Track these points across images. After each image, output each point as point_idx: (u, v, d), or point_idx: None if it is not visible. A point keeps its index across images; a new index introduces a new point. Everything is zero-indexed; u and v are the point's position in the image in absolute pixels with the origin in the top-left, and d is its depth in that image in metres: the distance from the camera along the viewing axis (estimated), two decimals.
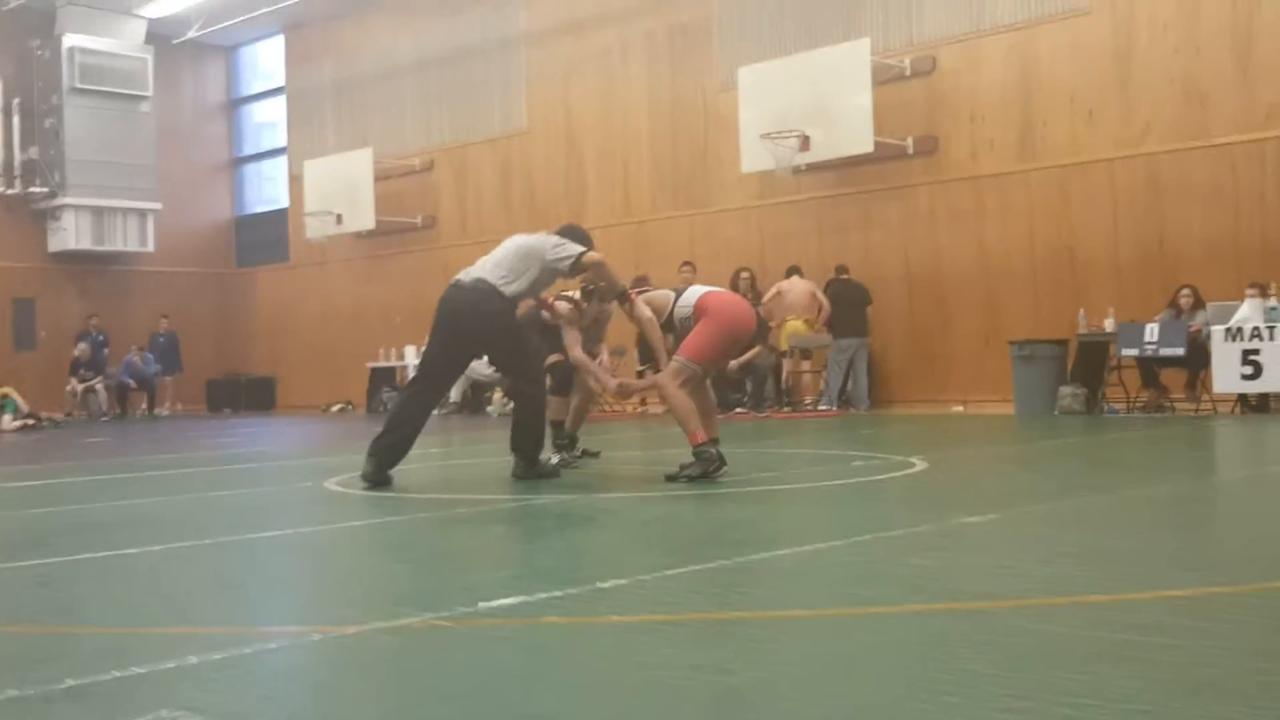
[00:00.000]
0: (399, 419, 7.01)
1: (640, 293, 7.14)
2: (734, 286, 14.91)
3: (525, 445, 7.13)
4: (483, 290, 6.90)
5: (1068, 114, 14.29)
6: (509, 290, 6.92)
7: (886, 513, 5.43)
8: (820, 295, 15.16)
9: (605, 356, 8.35)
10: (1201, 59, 13.35)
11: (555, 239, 7.20)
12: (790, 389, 15.42)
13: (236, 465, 9.75)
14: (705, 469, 6.55)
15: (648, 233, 18.00)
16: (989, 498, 5.96)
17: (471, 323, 6.92)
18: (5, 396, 18.23)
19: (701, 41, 17.60)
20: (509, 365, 7.26)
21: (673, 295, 7.05)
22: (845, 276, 15.37)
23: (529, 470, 7.10)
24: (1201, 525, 5.02)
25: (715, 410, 7.18)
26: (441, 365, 7.15)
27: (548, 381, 7.82)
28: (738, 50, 16.96)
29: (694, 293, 6.97)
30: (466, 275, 7.09)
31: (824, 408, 14.81)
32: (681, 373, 6.70)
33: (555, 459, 7.76)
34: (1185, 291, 12.48)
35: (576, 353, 7.61)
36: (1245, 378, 11.62)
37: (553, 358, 8.06)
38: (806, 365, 15.59)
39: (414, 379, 7.32)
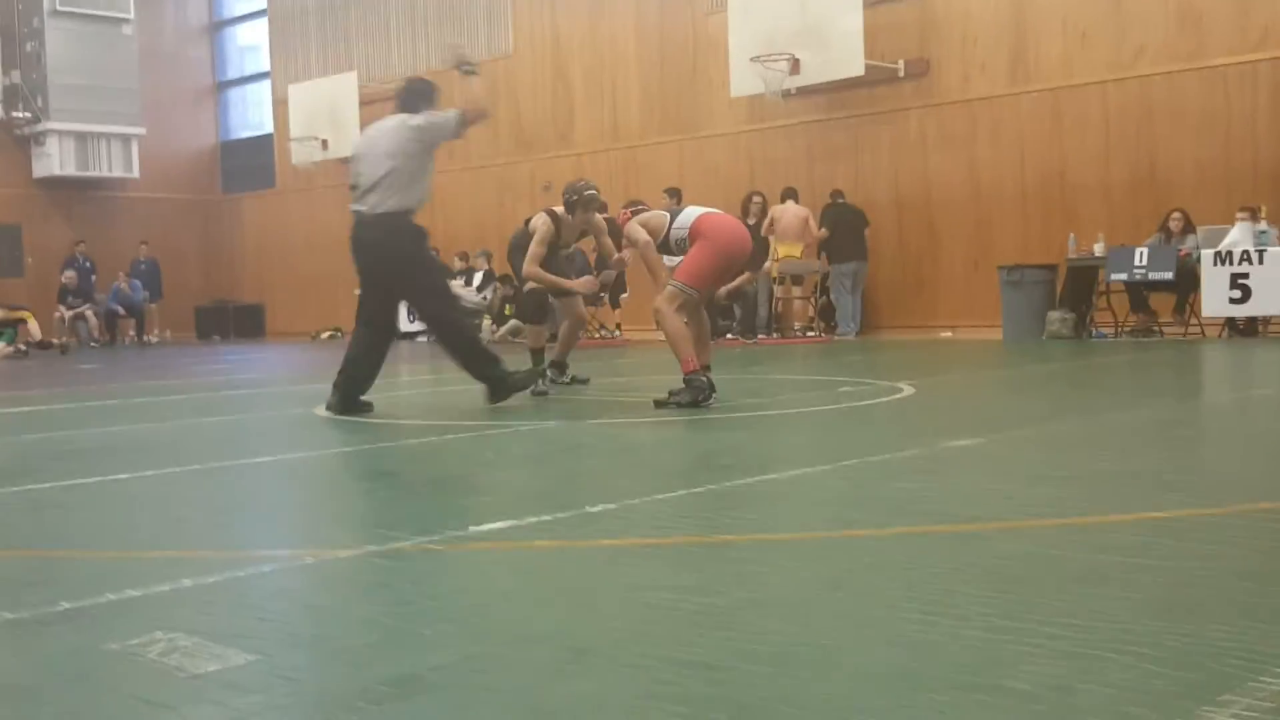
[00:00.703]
0: (350, 358, 7.02)
1: (635, 213, 7.09)
2: (744, 212, 14.87)
3: (478, 368, 6.97)
4: (383, 223, 6.68)
5: (1060, 36, 14.18)
6: (400, 204, 6.71)
7: (874, 437, 5.46)
8: (812, 221, 15.12)
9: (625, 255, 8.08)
10: None
11: (415, 118, 6.99)
12: (780, 315, 15.43)
13: (226, 392, 9.76)
14: (695, 397, 6.53)
15: (636, 158, 17.91)
16: (975, 422, 5.99)
17: (377, 269, 6.82)
18: (21, 320, 18.12)
19: None
20: (415, 306, 7.17)
21: (668, 217, 6.97)
22: (842, 200, 15.31)
23: (500, 389, 6.97)
24: (1186, 448, 5.06)
25: (709, 336, 7.17)
26: (370, 307, 7.04)
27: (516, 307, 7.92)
28: None
29: (690, 214, 6.88)
30: (363, 201, 6.85)
31: (842, 332, 14.85)
32: (677, 297, 6.64)
33: (544, 385, 7.77)
34: (1175, 215, 12.48)
35: (531, 269, 7.64)
36: (1234, 301, 11.66)
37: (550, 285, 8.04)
38: (797, 291, 15.60)
39: (357, 317, 7.20)
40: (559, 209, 7.86)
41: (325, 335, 21.68)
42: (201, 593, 2.75)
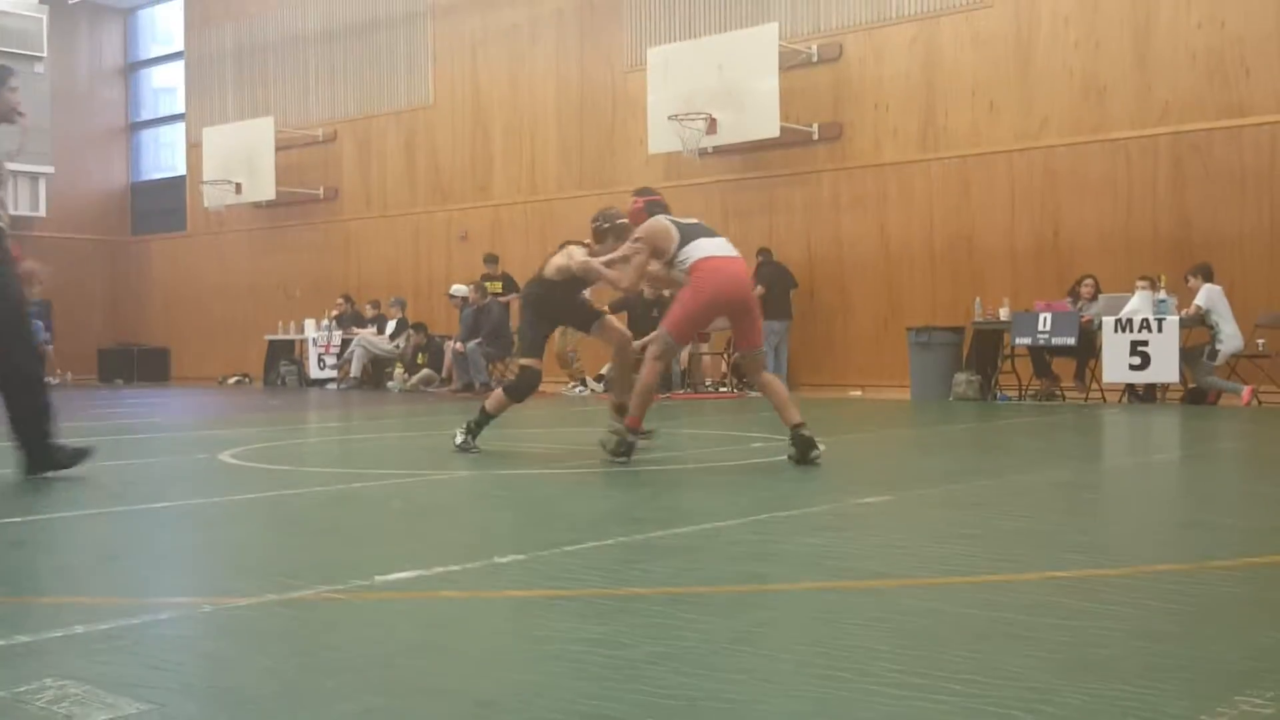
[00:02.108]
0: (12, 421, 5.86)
1: (648, 202, 6.74)
2: None
3: (29, 428, 5.79)
4: None
5: (969, 105, 14.51)
6: None
7: (784, 493, 5.48)
8: None
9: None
10: (1101, 54, 13.63)
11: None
12: (689, 370, 15.47)
13: (128, 436, 9.53)
14: (617, 449, 6.32)
15: (553, 211, 17.94)
16: (884, 480, 6.04)
17: None
18: None
19: (611, 20, 17.55)
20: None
21: (677, 239, 6.48)
22: (773, 260, 15.43)
23: (44, 461, 5.83)
24: (1088, 510, 5.14)
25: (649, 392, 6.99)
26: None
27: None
28: (647, 30, 16.96)
29: (696, 250, 6.45)
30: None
31: (724, 390, 14.90)
32: (658, 344, 6.43)
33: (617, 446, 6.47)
34: (1087, 281, 12.75)
35: (581, 265, 6.89)
36: (1133, 368, 11.92)
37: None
38: (705, 347, 15.66)
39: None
40: (588, 241, 7.17)
41: (232, 380, 21.33)
42: (94, 639, 2.66)
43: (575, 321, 7.44)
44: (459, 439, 7.16)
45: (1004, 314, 13.06)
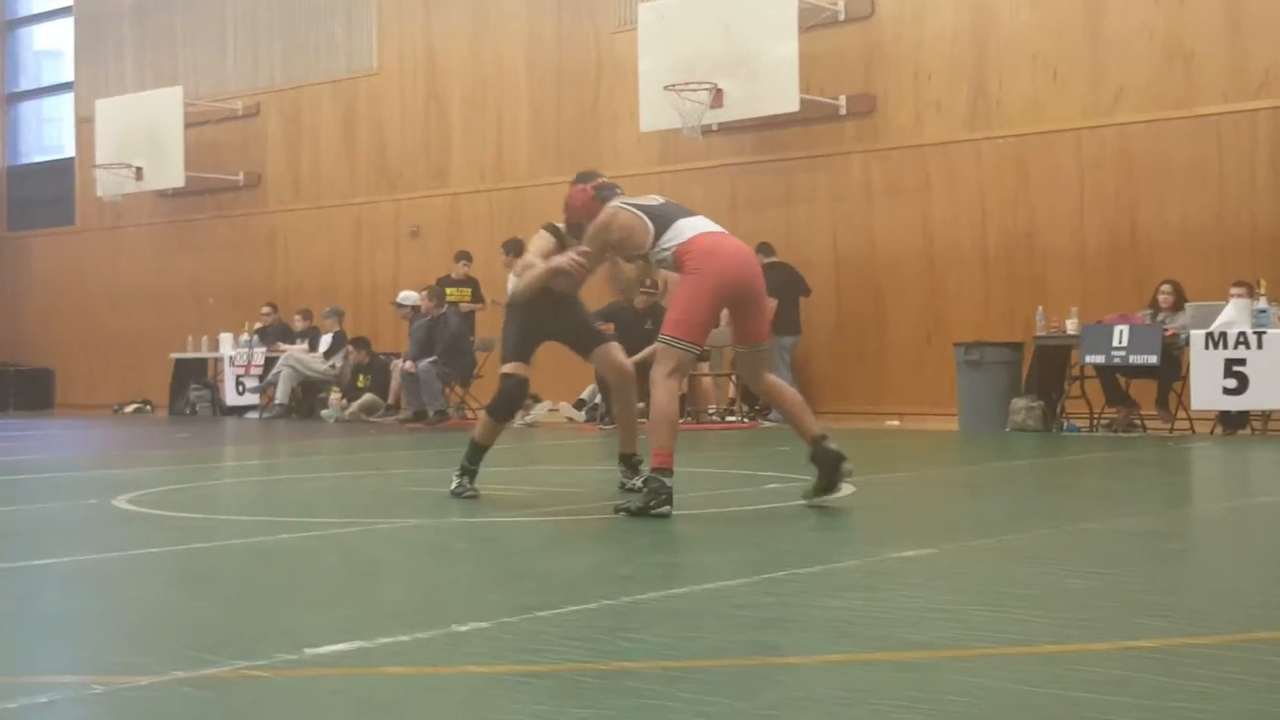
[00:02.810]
0: None
1: (600, 196, 6.56)
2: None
3: None
4: None
5: (1028, 74, 14.55)
6: None
7: (804, 545, 5.47)
8: None
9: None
10: (1187, 13, 13.68)
11: None
12: (688, 396, 15.42)
13: (3, 476, 9.50)
14: (648, 501, 6.09)
15: (524, 201, 17.93)
16: (926, 529, 6.04)
17: None
18: None
19: None
20: None
21: (651, 227, 6.35)
22: (776, 259, 15.38)
23: None
24: (1173, 565, 5.14)
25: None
26: None
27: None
28: None
29: (683, 228, 6.34)
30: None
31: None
32: (670, 357, 6.21)
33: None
34: (1165, 288, 12.76)
35: (524, 280, 6.80)
36: (1228, 392, 11.93)
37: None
38: (705, 368, 15.64)
39: None
40: (560, 224, 7.00)
41: (131, 409, 21.28)
42: None
43: (569, 340, 7.19)
44: (454, 484, 7.01)
45: (1071, 327, 13.08)
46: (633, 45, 16.36)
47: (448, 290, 16.57)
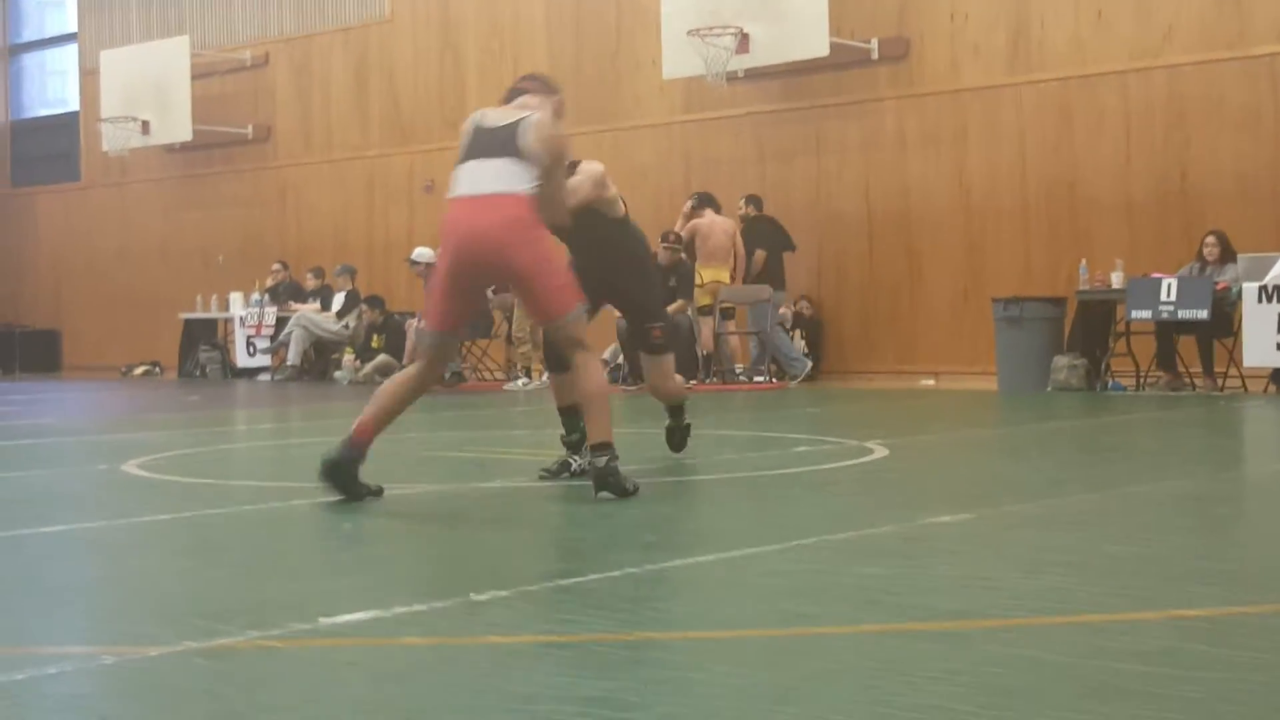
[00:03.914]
0: None
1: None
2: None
3: None
4: None
5: (1072, 15, 14.44)
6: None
7: (836, 511, 5.47)
8: (738, 238, 15.17)
9: None
10: None
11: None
12: (714, 356, 15.40)
13: (8, 442, 9.56)
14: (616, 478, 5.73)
15: None
16: (963, 493, 6.03)
17: None
18: None
19: None
20: None
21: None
22: (762, 213, 15.36)
23: None
24: (1223, 530, 5.13)
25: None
26: None
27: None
28: None
29: (454, 179, 5.87)
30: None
31: (795, 373, 14.89)
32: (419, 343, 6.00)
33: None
34: (1210, 239, 12.68)
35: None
36: None
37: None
38: (732, 325, 15.61)
39: None
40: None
41: (139, 371, 21.38)
42: None
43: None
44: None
45: (1116, 280, 13.02)
46: None
47: None
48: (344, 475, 5.58)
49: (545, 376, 15.35)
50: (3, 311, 24.26)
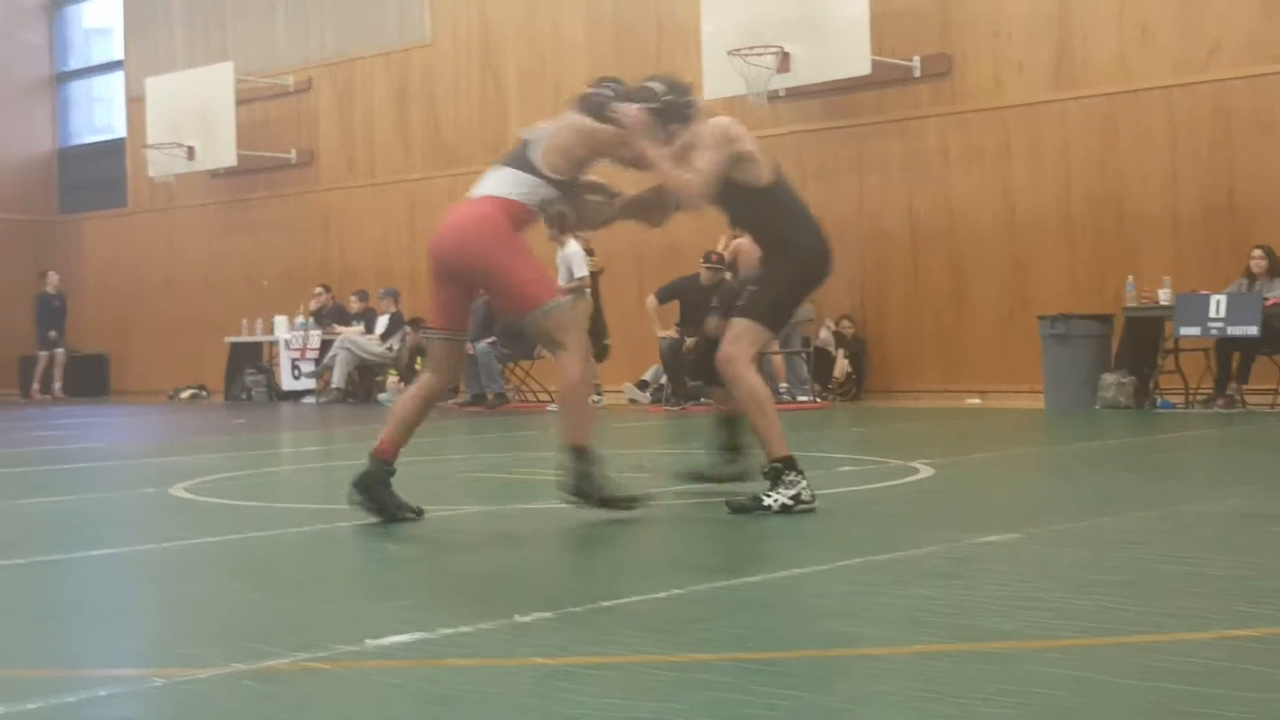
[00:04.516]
0: None
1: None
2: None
3: None
4: None
5: (1116, 31, 14.38)
6: None
7: (882, 531, 5.45)
8: None
9: None
10: None
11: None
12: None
13: (59, 465, 9.64)
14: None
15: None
16: (1011, 512, 6.00)
17: None
18: None
19: None
20: None
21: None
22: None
23: None
24: (1276, 549, 5.08)
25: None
26: None
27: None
28: None
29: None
30: None
31: (803, 399, 14.87)
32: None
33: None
34: (1258, 253, 12.61)
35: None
36: None
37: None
38: (774, 345, 15.58)
39: None
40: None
41: (186, 394, 21.52)
42: None
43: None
44: (774, 498, 5.74)
45: (1164, 297, 12.94)
46: (695, 8, 16.31)
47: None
48: (374, 486, 5.61)
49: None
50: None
